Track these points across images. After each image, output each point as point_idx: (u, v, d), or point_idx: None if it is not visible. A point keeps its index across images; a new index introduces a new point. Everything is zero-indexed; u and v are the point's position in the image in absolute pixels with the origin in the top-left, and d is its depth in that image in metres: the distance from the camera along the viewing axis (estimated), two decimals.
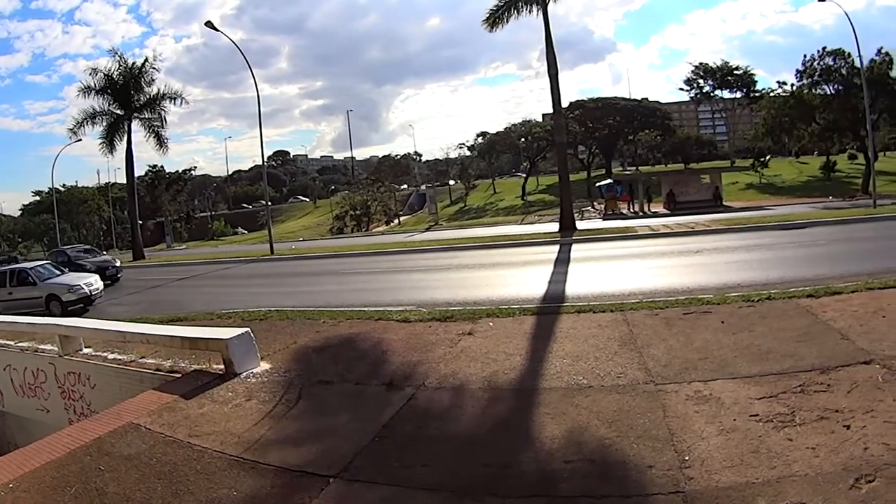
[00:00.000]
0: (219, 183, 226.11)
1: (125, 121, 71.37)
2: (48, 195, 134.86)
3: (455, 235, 55.73)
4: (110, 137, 71.75)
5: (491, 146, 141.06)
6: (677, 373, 10.36)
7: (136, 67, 71.20)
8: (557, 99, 46.59)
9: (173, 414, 11.01)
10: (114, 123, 71.37)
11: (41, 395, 17.63)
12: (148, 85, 72.08)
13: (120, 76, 69.96)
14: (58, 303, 31.35)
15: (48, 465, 9.27)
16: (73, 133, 73.59)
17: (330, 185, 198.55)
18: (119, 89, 69.97)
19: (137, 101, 71.37)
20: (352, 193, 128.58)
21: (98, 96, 70.44)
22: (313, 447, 9.24)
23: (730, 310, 13.99)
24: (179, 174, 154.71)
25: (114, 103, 71.02)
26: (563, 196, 47.52)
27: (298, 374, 12.83)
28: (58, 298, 31.52)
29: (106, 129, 71.63)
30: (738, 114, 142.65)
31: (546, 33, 45.11)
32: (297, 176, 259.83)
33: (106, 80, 69.76)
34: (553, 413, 9.31)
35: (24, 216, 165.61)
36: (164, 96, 72.71)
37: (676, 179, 72.94)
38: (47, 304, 31.63)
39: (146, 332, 15.70)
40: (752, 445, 7.50)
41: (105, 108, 71.24)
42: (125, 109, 71.00)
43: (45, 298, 31.89)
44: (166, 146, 75.93)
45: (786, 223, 35.82)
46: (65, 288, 32.09)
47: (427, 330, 15.33)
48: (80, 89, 70.96)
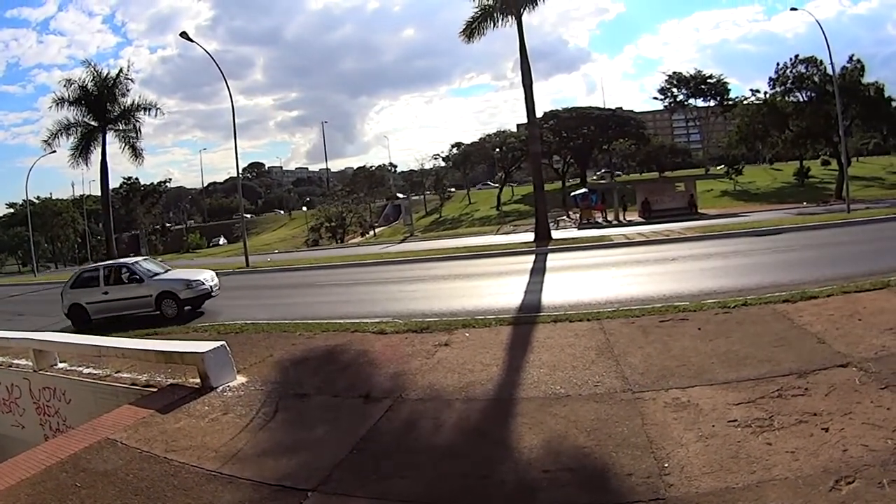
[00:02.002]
0: (194, 195, 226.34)
1: (99, 132, 70.93)
2: (22, 207, 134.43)
3: (430, 246, 55.76)
4: (84, 149, 71.26)
5: (466, 157, 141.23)
6: (655, 380, 10.40)
7: (111, 78, 70.66)
8: (532, 109, 46.69)
9: (149, 429, 10.99)
10: (88, 134, 70.87)
11: (16, 410, 17.53)
12: (123, 96, 71.52)
13: (94, 87, 69.48)
14: (173, 301, 27.62)
15: (23, 483, 9.22)
16: (47, 144, 73.07)
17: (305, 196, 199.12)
18: (93, 100, 69.51)
19: (112, 112, 70.92)
20: (327, 205, 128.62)
21: (72, 107, 69.93)
22: (291, 460, 9.25)
23: (706, 316, 14.08)
24: (154, 186, 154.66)
25: (88, 114, 70.50)
26: (539, 206, 47.61)
27: (275, 387, 12.85)
28: (173, 296, 27.67)
29: (80, 140, 71.37)
30: (712, 122, 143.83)
31: (520, 43, 45.23)
32: (273, 188, 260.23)
33: (80, 91, 69.26)
34: (531, 423, 9.33)
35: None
36: (139, 107, 72.27)
37: (651, 188, 73.16)
38: (158, 303, 27.83)
39: (121, 346, 15.64)
40: (732, 451, 7.54)
41: (79, 119, 70.85)
42: (99, 121, 70.58)
43: (155, 297, 27.86)
44: (142, 157, 75.46)
45: (761, 229, 36.04)
46: (182, 284, 28.33)
47: (404, 341, 15.38)
48: (54, 100, 70.19)
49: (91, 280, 30.07)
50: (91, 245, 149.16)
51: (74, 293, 29.77)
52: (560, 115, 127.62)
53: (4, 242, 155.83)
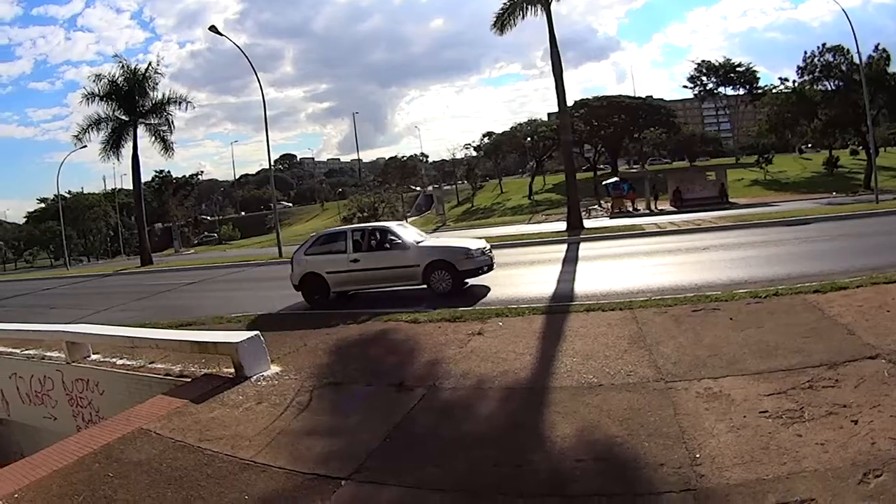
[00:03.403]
0: (226, 187, 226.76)
1: (130, 126, 71.21)
2: (53, 202, 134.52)
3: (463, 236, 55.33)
4: (115, 143, 71.55)
5: (497, 146, 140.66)
6: (687, 370, 10.42)
7: (141, 73, 70.98)
8: (563, 98, 46.51)
9: (183, 418, 11.08)
10: (119, 129, 71.13)
11: (48, 402, 17.66)
12: (152, 90, 71.84)
13: (124, 82, 69.73)
14: (447, 273, 22.77)
15: (55, 474, 9.30)
16: (77, 140, 73.54)
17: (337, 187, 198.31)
18: (124, 95, 69.76)
19: (142, 106, 71.19)
20: (359, 196, 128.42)
21: (102, 102, 70.25)
22: (325, 449, 9.30)
23: (738, 306, 14.05)
24: (186, 179, 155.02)
25: (118, 109, 70.78)
26: (570, 195, 47.40)
27: (309, 376, 12.93)
28: (449, 267, 22.82)
29: (111, 134, 71.53)
30: (742, 111, 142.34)
31: (550, 33, 45.02)
32: (305, 179, 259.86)
33: (110, 86, 69.54)
34: (564, 412, 9.36)
35: (29, 223, 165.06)
36: (170, 101, 72.51)
37: (682, 177, 72.75)
38: (427, 274, 23.02)
39: (155, 336, 15.78)
40: (762, 442, 7.55)
41: (110, 114, 71.04)
42: (130, 115, 70.81)
43: (423, 268, 23.02)
44: (172, 151, 75.63)
45: (791, 219, 35.73)
46: (461, 252, 23.29)
47: (437, 330, 15.45)
48: (83, 95, 70.70)
49: (335, 245, 25.28)
50: (123, 238, 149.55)
51: (311, 260, 24.95)
52: (590, 104, 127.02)
53: (36, 237, 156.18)
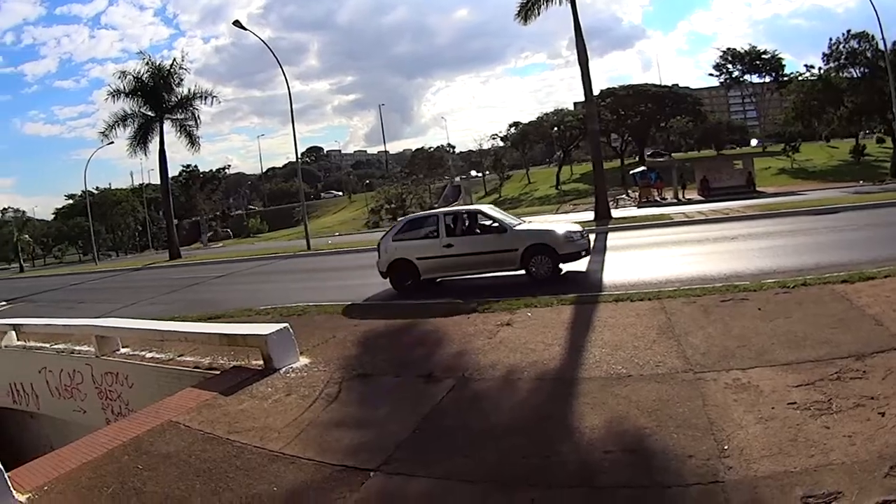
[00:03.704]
0: (253, 181, 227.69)
1: (157, 122, 71.79)
2: (81, 198, 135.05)
3: None
4: (142, 138, 72.17)
5: (524, 136, 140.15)
6: (716, 361, 10.39)
7: (165, 69, 71.61)
8: (589, 87, 46.36)
9: (212, 411, 11.17)
10: (145, 124, 71.76)
11: (78, 396, 17.82)
12: (178, 85, 72.45)
13: (149, 78, 70.33)
14: (547, 257, 21.70)
15: (84, 466, 9.38)
16: (104, 136, 74.22)
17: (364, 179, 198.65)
18: (149, 91, 70.36)
19: (168, 102, 71.76)
20: (387, 187, 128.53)
21: (128, 99, 70.94)
22: (354, 441, 9.34)
23: (766, 296, 14.00)
24: (213, 173, 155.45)
25: (144, 105, 71.44)
26: (598, 184, 47.24)
27: (338, 367, 12.99)
28: (548, 251, 21.75)
29: (137, 130, 72.01)
30: (768, 98, 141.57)
31: (574, 21, 44.86)
32: (332, 171, 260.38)
33: (135, 83, 70.19)
34: (593, 403, 9.37)
35: (57, 220, 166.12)
36: (195, 96, 73.03)
37: (710, 166, 72.35)
38: (525, 259, 21.83)
39: (184, 329, 15.96)
40: (791, 434, 7.52)
41: (136, 110, 71.70)
42: (156, 111, 71.39)
43: (522, 252, 21.77)
44: (198, 145, 76.12)
45: (818, 208, 35.47)
46: (561, 235, 22.19)
47: (466, 321, 15.49)
48: (109, 93, 71.46)
49: (426, 229, 24.18)
50: (152, 233, 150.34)
51: (400, 246, 23.79)
52: (617, 93, 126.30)
53: (64, 233, 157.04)
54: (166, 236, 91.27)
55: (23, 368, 20.02)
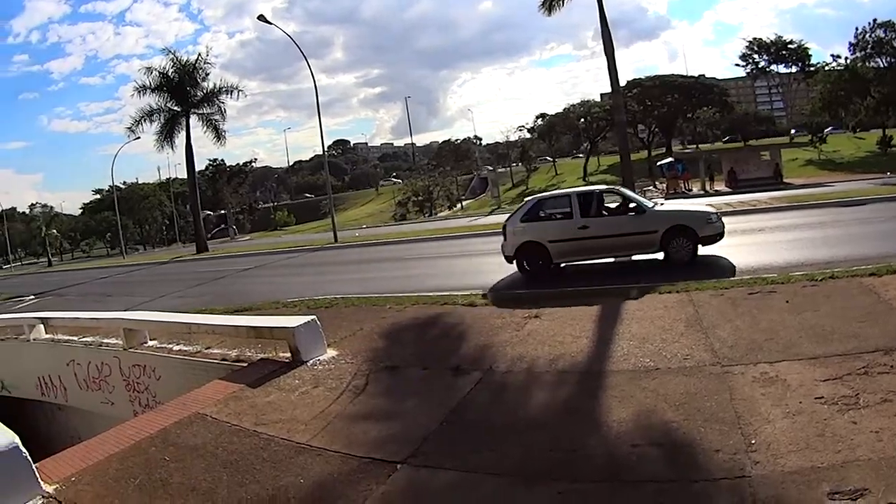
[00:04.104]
0: (280, 174, 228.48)
1: (183, 116, 72.35)
2: (109, 193, 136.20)
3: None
4: (168, 133, 72.80)
5: (550, 128, 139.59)
6: (743, 354, 10.36)
7: (191, 64, 72.23)
8: (615, 78, 46.27)
9: (239, 403, 11.22)
10: (171, 119, 72.41)
11: (105, 388, 17.97)
12: (203, 80, 72.95)
13: (175, 73, 71.00)
14: (687, 240, 20.54)
15: (112, 458, 9.43)
16: (130, 131, 74.96)
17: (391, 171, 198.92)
18: (175, 86, 70.96)
19: (194, 96, 72.26)
20: (413, 179, 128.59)
21: (154, 94, 71.71)
22: (381, 433, 9.37)
23: (794, 289, 13.96)
24: (240, 167, 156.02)
25: (170, 100, 72.01)
26: (625, 176, 47.13)
27: (365, 360, 13.02)
28: (689, 233, 20.58)
29: (164, 125, 72.49)
30: (795, 89, 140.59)
31: (600, 12, 44.76)
32: (358, 164, 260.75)
33: (161, 78, 70.88)
34: (620, 396, 9.37)
35: (85, 214, 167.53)
36: (221, 90, 73.56)
37: (737, 157, 71.80)
38: (665, 242, 20.66)
39: (212, 322, 16.02)
40: (818, 429, 7.49)
41: (162, 105, 72.28)
42: (182, 105, 71.90)
43: (662, 234, 20.62)
44: (225, 139, 76.69)
45: (846, 200, 35.02)
46: (701, 217, 21.16)
47: (493, 313, 15.51)
48: (135, 88, 72.28)
49: (558, 210, 22.76)
50: (179, 226, 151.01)
51: (529, 228, 22.21)
52: (643, 84, 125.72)
53: (92, 228, 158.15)
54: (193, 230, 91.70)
55: (51, 361, 20.17)
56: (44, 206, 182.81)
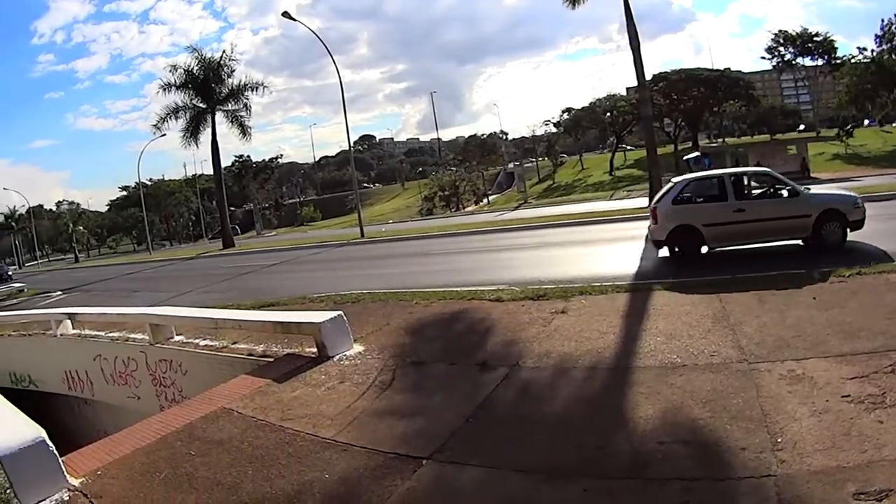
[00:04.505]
0: (306, 169, 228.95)
1: (208, 113, 72.81)
2: (135, 189, 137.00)
3: (544, 213, 55.49)
4: (194, 130, 73.20)
5: (577, 122, 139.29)
6: (770, 351, 10.31)
7: (216, 61, 72.60)
8: (641, 71, 45.79)
9: (265, 398, 11.28)
10: (197, 116, 72.86)
11: (132, 382, 18.14)
12: (228, 77, 73.35)
13: (200, 70, 71.45)
14: (839, 224, 19.99)
15: (138, 452, 9.50)
16: (156, 128, 75.58)
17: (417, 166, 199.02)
18: (200, 83, 71.45)
19: (219, 93, 72.71)
20: (440, 174, 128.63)
21: (179, 91, 72.31)
22: (407, 428, 9.40)
23: (821, 286, 13.88)
24: (266, 162, 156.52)
25: (196, 97, 72.49)
26: (652, 170, 46.58)
27: (392, 355, 13.02)
28: (839, 217, 20.06)
29: (189, 122, 72.94)
30: (821, 82, 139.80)
31: (625, 4, 44.12)
32: (384, 159, 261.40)
33: (186, 76, 71.42)
34: (647, 393, 9.36)
35: (111, 211, 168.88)
36: (246, 87, 74.05)
37: (763, 151, 71.52)
38: (817, 226, 19.98)
39: (238, 318, 16.13)
40: (844, 428, 7.45)
41: (187, 102, 72.76)
42: (208, 102, 72.34)
43: (815, 218, 19.92)
44: (250, 135, 77.46)
45: (874, 195, 34.42)
46: (850, 203, 20.47)
47: (520, 309, 15.44)
48: (160, 86, 73.09)
49: (710, 192, 21.86)
50: (205, 222, 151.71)
51: (682, 211, 21.32)
52: (669, 78, 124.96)
53: (119, 224, 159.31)
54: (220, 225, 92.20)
55: (78, 356, 20.41)
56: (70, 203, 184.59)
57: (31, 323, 24.95)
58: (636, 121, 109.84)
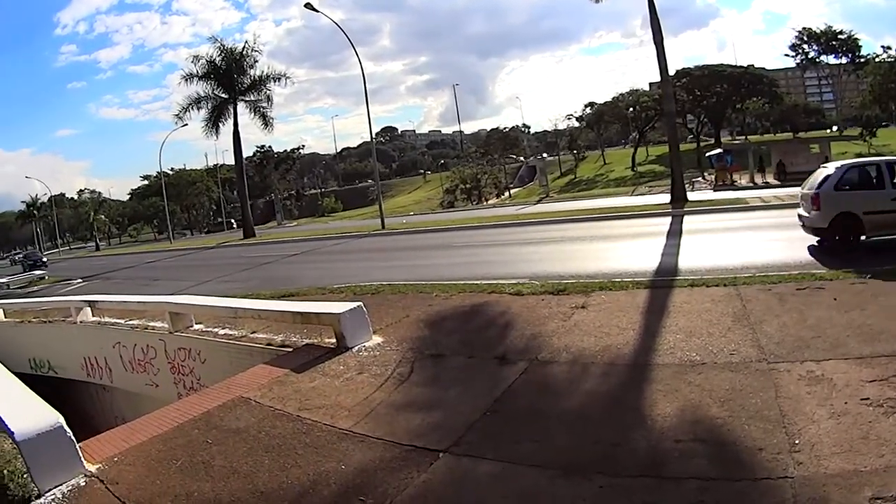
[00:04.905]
0: (328, 160, 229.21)
1: (230, 104, 73.42)
2: (156, 179, 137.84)
3: (566, 207, 55.30)
4: (216, 120, 73.58)
5: (599, 116, 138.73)
6: (790, 351, 10.24)
7: (238, 52, 73.24)
8: (664, 67, 45.61)
9: (283, 387, 11.33)
10: (218, 107, 73.56)
11: (150, 370, 18.25)
12: (251, 68, 73.92)
13: (222, 61, 72.19)
14: None
15: (155, 439, 9.57)
16: (178, 118, 76.25)
17: (439, 159, 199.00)
18: (222, 74, 72.11)
19: (241, 84, 73.29)
20: (462, 167, 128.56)
21: (201, 82, 73.12)
22: (424, 421, 9.40)
23: (842, 286, 13.79)
24: (288, 153, 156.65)
25: (218, 87, 73.04)
26: (674, 167, 46.49)
27: (410, 347, 13.04)
28: None
29: (211, 112, 73.34)
30: (844, 80, 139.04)
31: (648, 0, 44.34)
32: (406, 151, 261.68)
33: (208, 66, 72.21)
34: (665, 390, 9.33)
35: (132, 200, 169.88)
36: (268, 78, 74.67)
37: (786, 149, 71.13)
38: None
39: (257, 307, 16.13)
40: (862, 431, 7.39)
41: (209, 92, 73.26)
42: (229, 93, 72.91)
43: None
44: (272, 126, 77.95)
45: None
46: None
47: (540, 303, 15.46)
48: (182, 76, 74.07)
49: (869, 179, 20.97)
50: (226, 212, 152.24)
51: (843, 197, 20.54)
52: (692, 73, 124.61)
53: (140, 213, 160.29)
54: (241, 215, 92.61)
55: (97, 343, 20.55)
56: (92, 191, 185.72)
57: (52, 310, 25.19)
58: (659, 116, 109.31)
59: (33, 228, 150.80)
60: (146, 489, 8.07)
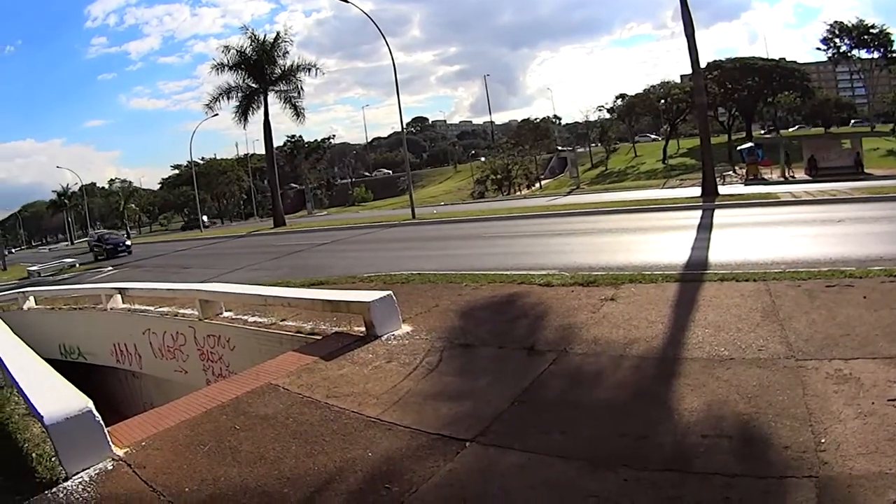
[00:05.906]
0: (358, 150, 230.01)
1: (260, 94, 74.09)
2: (187, 168, 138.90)
3: (597, 199, 55.45)
4: (245, 110, 74.11)
5: (630, 108, 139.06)
6: (818, 349, 10.17)
7: (269, 42, 74.21)
8: (696, 59, 45.35)
9: (312, 375, 11.37)
10: (249, 96, 74.29)
11: (180, 357, 18.42)
12: (281, 58, 74.71)
13: (253, 52, 73.02)
14: None
15: (182, 424, 9.65)
16: (209, 108, 77.62)
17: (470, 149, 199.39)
18: (253, 64, 72.84)
19: (272, 74, 73.97)
20: (492, 158, 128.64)
21: (232, 72, 74.02)
22: (452, 410, 9.40)
23: (872, 284, 13.62)
24: (318, 143, 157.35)
25: (248, 77, 73.70)
26: (705, 160, 46.24)
27: (440, 336, 13.04)
28: None
29: (241, 102, 73.86)
30: (877, 75, 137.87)
31: None
32: (437, 141, 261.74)
33: (239, 56, 72.98)
34: (693, 385, 9.30)
35: (163, 189, 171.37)
36: (299, 68, 75.43)
37: (817, 145, 70.69)
38: None
39: (287, 295, 16.15)
40: (889, 433, 7.30)
41: (240, 82, 73.90)
42: (260, 83, 73.54)
43: None
44: (303, 116, 78.56)
45: None
46: None
47: (569, 294, 15.41)
48: (213, 66, 75.21)
49: None
50: (257, 201, 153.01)
51: None
52: (724, 66, 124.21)
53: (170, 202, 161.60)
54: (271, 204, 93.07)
55: (127, 329, 20.80)
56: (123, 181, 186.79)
57: (82, 297, 25.41)
58: (690, 109, 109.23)
59: (64, 217, 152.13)
60: (173, 473, 8.15)
